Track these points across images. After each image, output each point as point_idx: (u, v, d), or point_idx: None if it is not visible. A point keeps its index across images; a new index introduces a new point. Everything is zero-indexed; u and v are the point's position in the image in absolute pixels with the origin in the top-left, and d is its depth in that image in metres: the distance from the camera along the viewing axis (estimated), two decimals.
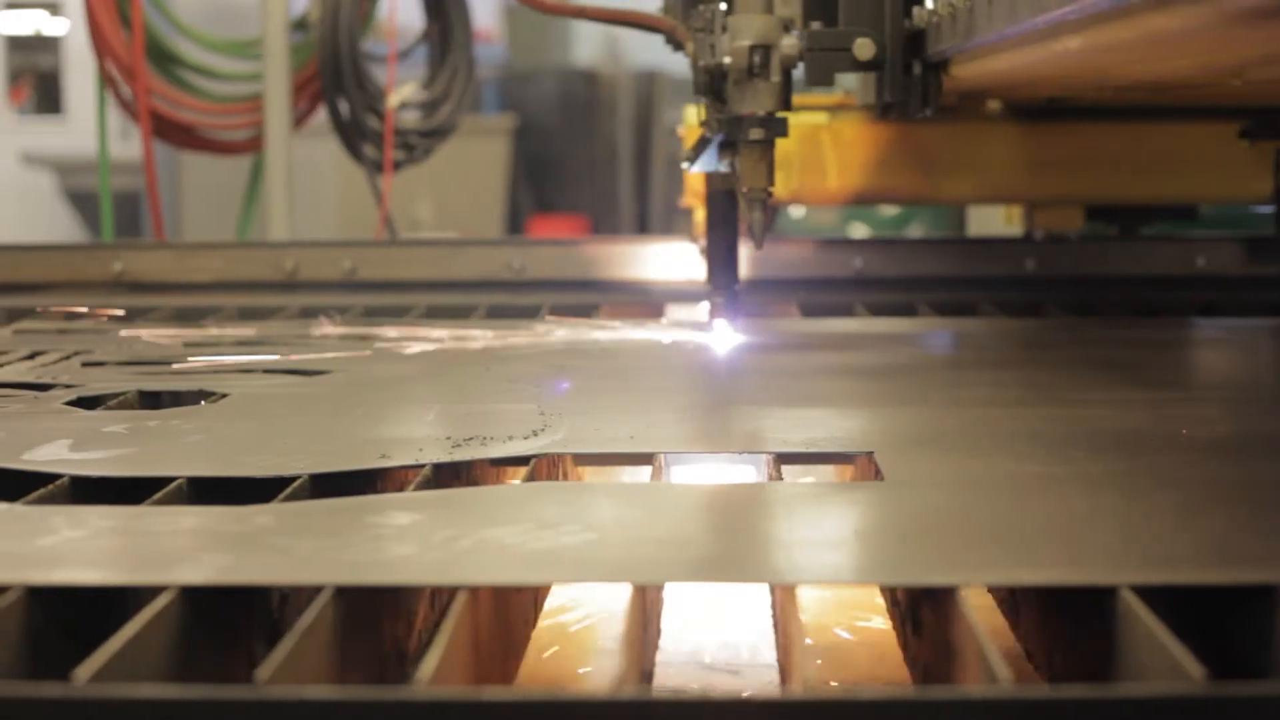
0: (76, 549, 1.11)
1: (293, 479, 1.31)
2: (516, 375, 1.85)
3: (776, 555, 1.11)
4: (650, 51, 7.38)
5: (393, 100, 3.26)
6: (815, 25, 1.95)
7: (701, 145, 2.00)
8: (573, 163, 7.81)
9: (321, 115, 3.31)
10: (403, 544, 1.10)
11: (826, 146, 2.71)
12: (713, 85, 1.91)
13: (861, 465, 1.41)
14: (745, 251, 2.71)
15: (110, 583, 1.03)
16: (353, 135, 3.25)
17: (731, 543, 1.13)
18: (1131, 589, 0.96)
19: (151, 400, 1.74)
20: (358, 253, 2.61)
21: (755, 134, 1.88)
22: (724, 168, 1.99)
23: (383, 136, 3.25)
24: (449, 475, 1.38)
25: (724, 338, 2.07)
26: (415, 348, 2.01)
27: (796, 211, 6.68)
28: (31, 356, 1.97)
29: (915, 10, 1.97)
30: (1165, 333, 2.35)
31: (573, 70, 8.01)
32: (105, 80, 3.24)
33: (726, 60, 1.87)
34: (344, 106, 3.23)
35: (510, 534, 1.12)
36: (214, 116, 3.28)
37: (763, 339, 2.12)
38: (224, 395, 1.71)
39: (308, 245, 2.67)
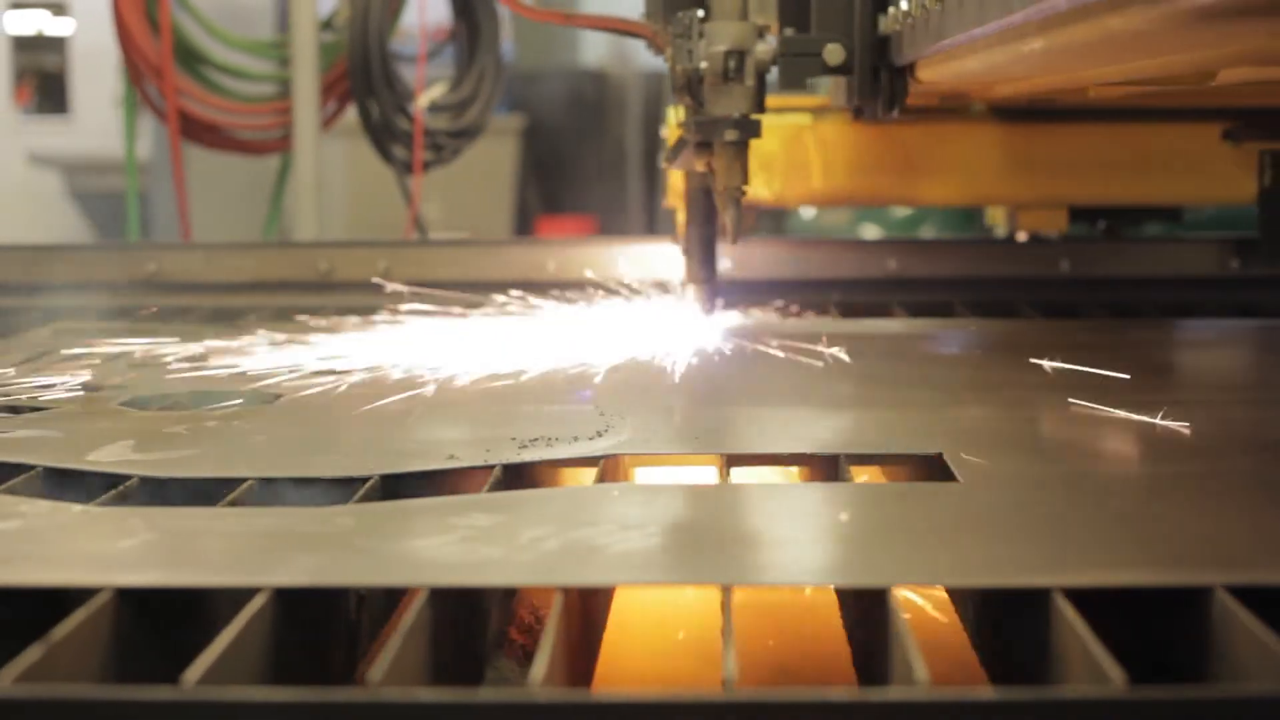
0: (160, 550, 1.10)
1: (363, 480, 1.31)
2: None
3: (878, 558, 1.10)
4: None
5: (422, 101, 3.25)
6: (789, 31, 2.03)
7: (680, 146, 2.07)
8: (581, 163, 7.80)
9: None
10: (491, 545, 1.10)
11: (810, 148, 2.71)
12: (690, 88, 1.99)
13: (924, 466, 1.40)
14: (780, 251, 2.73)
15: (204, 584, 1.02)
16: (382, 136, 3.24)
17: (827, 544, 1.13)
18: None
19: (200, 400, 1.73)
20: (392, 253, 2.60)
21: (730, 135, 1.97)
22: (701, 167, 2.07)
23: (412, 137, 3.24)
24: (514, 476, 1.38)
25: (705, 326, 2.16)
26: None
27: (807, 212, 6.68)
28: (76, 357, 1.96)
29: (882, 17, 2.03)
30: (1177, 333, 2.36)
31: (581, 71, 8.00)
32: (131, 80, 3.23)
33: (703, 65, 1.95)
34: (373, 107, 3.22)
35: (597, 535, 1.12)
36: (241, 116, 3.26)
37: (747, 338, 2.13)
38: (277, 396, 1.70)
39: (341, 245, 2.66)
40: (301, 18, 3.13)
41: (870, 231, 6.43)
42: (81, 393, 1.73)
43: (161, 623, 1.02)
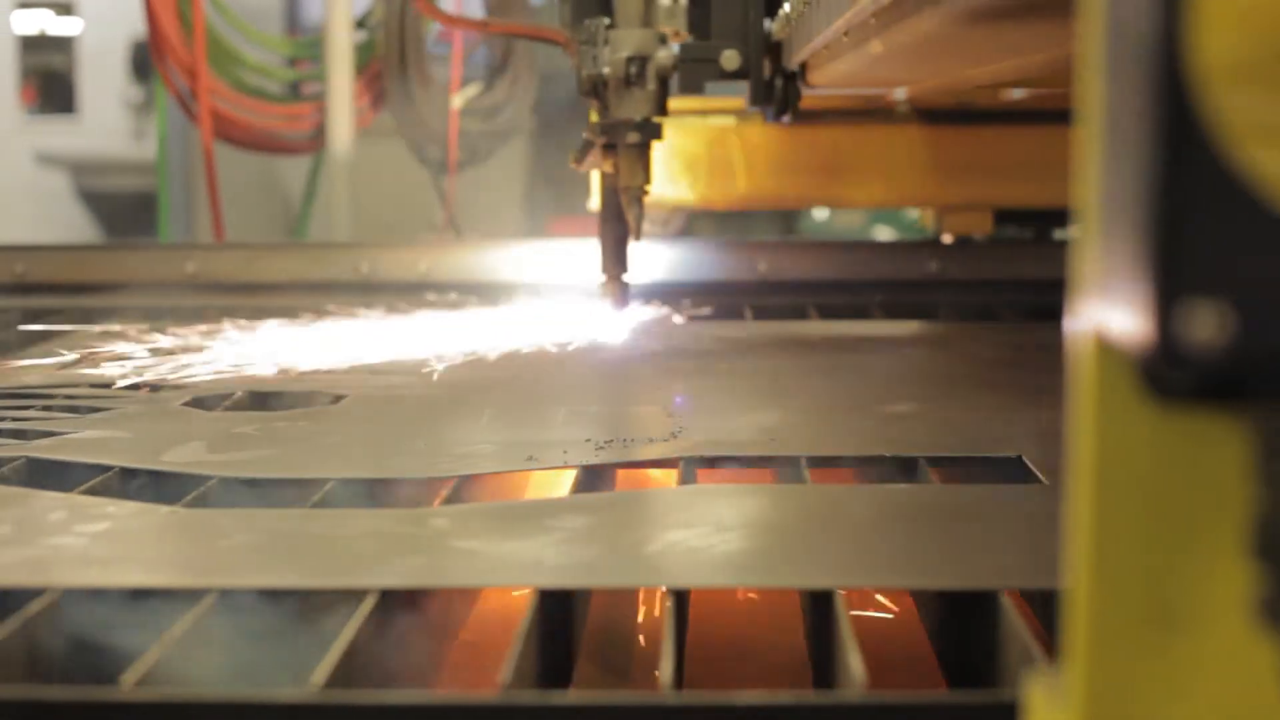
0: (258, 551, 1.09)
1: (444, 480, 1.30)
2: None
3: (980, 559, 1.09)
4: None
5: (456, 101, 3.25)
6: (689, 38, 2.10)
7: (586, 147, 2.14)
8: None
9: None
10: (590, 546, 1.09)
11: (734, 149, 2.73)
12: (595, 92, 2.05)
13: (1003, 468, 1.40)
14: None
15: (310, 586, 1.02)
16: (417, 136, 3.23)
17: (932, 546, 1.12)
18: None
19: (259, 401, 1.73)
20: (431, 254, 2.59)
21: (632, 137, 2.04)
22: (608, 168, 2.13)
23: (446, 138, 3.24)
24: (592, 477, 1.37)
25: (615, 320, 2.22)
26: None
27: (820, 214, 6.67)
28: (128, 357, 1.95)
29: (771, 23, 2.11)
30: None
31: (591, 71, 7.98)
32: (163, 80, 3.23)
33: (606, 70, 2.02)
34: (408, 107, 3.21)
35: (692, 536, 1.11)
36: (274, 116, 3.26)
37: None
38: (341, 397, 1.69)
39: (381, 246, 2.66)
40: (336, 17, 3.12)
41: (884, 233, 6.43)
42: (140, 393, 1.72)
43: (267, 625, 1.02)
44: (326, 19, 3.11)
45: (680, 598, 1.02)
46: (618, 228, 2.20)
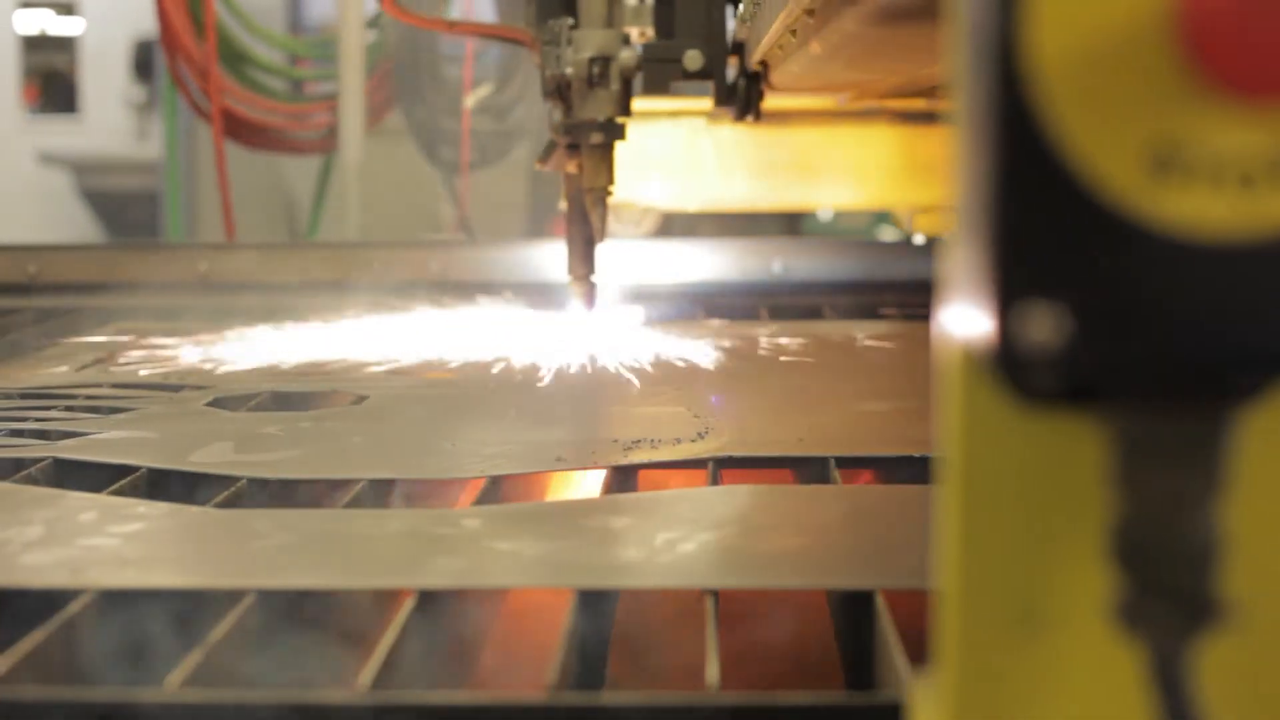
0: (296, 552, 1.08)
1: (473, 481, 1.30)
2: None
3: None
4: None
5: (469, 101, 3.25)
6: (651, 38, 2.07)
7: (551, 148, 2.13)
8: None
9: None
10: (629, 547, 1.09)
11: (707, 150, 2.73)
12: (559, 92, 2.05)
13: None
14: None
15: (352, 586, 1.01)
16: (429, 136, 3.23)
17: None
18: None
19: (283, 401, 1.72)
20: (443, 254, 2.59)
21: (595, 138, 2.03)
22: (573, 169, 2.12)
23: (458, 137, 3.24)
24: (620, 478, 1.37)
25: (583, 322, 2.19)
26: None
27: (825, 214, 6.66)
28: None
29: (734, 23, 2.11)
30: None
31: (553, 71, 7.96)
32: (175, 80, 3.22)
33: (569, 70, 2.00)
34: (420, 107, 3.21)
35: (728, 537, 1.11)
36: (285, 116, 3.25)
37: None
38: (364, 397, 1.69)
39: (393, 246, 2.65)
40: (348, 17, 3.12)
41: (889, 233, 6.41)
42: (162, 392, 1.72)
43: (307, 625, 1.01)
44: (338, 18, 3.10)
45: (718, 598, 1.01)
46: (584, 229, 2.17)
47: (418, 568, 1.03)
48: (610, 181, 2.08)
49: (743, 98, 2.15)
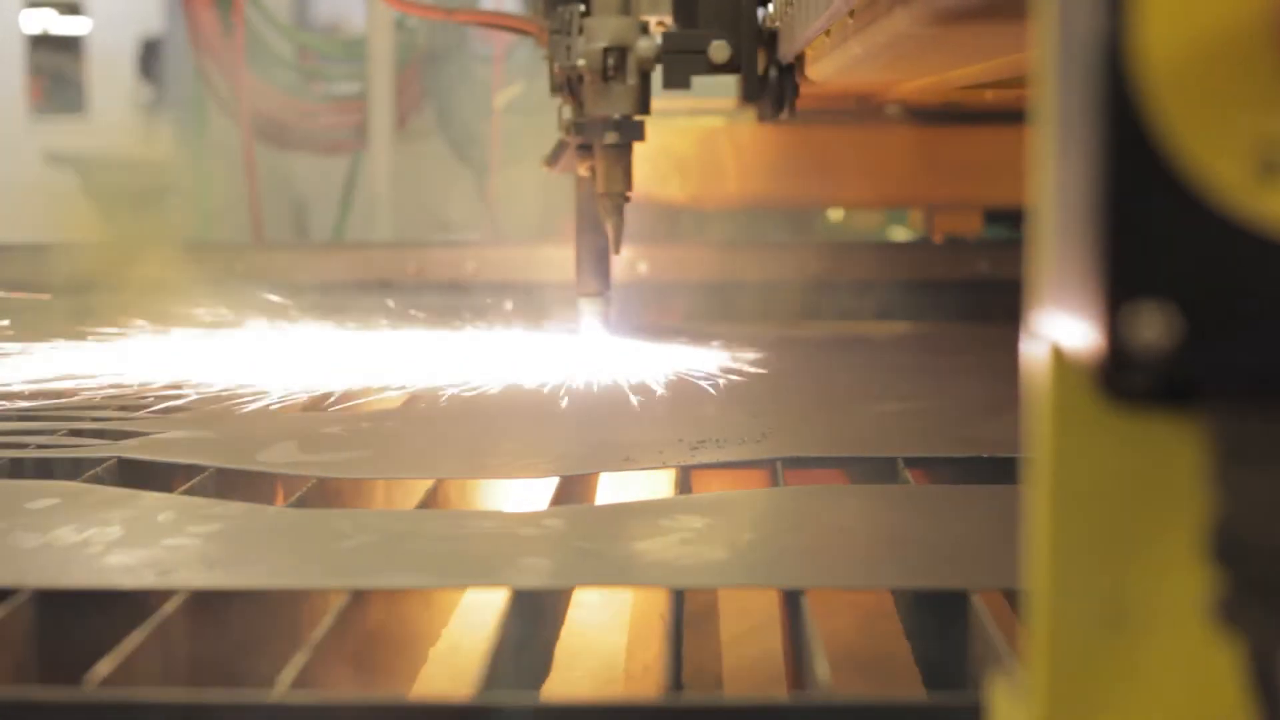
0: (380, 552, 1.08)
1: (545, 481, 1.30)
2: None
3: None
4: None
5: (499, 101, 3.24)
6: (673, 26, 1.88)
7: (560, 148, 1.96)
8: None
9: None
10: (712, 547, 1.08)
11: (724, 149, 2.71)
12: (570, 87, 1.88)
13: None
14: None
15: (448, 585, 1.01)
16: (460, 136, 3.23)
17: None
18: None
19: (339, 400, 1.72)
20: (478, 253, 2.59)
21: (610, 138, 1.85)
22: (584, 172, 1.96)
23: (488, 138, 3.24)
24: (684, 476, 1.37)
25: (597, 342, 2.02)
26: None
27: (835, 214, 6.64)
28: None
29: (763, 10, 1.89)
30: None
31: (564, 63, 7.94)
32: (202, 78, 3.22)
33: (581, 62, 1.83)
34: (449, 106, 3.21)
35: (805, 537, 1.11)
36: (313, 116, 3.25)
37: None
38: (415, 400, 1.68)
39: (427, 246, 2.65)
40: (377, 17, 3.12)
41: (900, 234, 6.40)
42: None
43: (402, 624, 1.01)
44: (367, 18, 3.10)
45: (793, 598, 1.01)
46: (596, 239, 2.00)
47: (506, 567, 1.03)
48: (627, 186, 1.90)
49: (775, 93, 1.91)
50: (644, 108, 1.85)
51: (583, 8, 1.84)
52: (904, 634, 1.07)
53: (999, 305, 2.58)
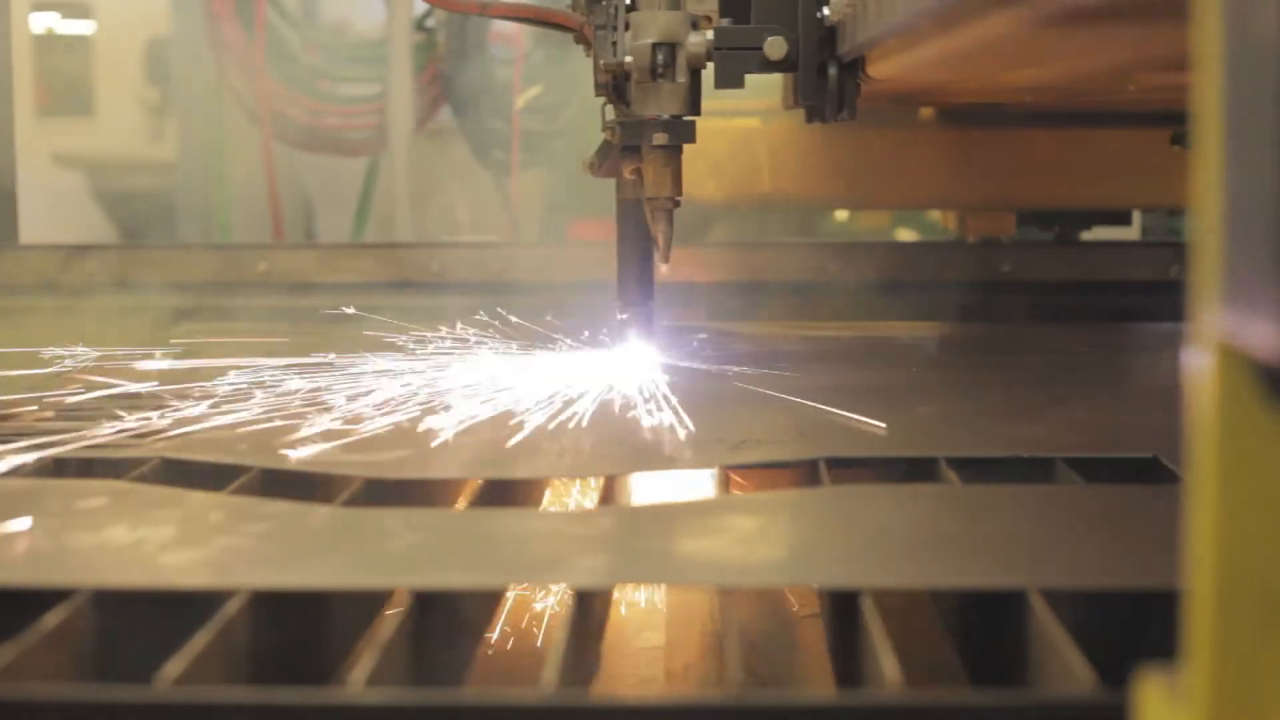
0: (434, 551, 1.08)
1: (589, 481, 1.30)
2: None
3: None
4: None
5: (519, 102, 3.25)
6: (725, 22, 1.79)
7: (605, 150, 1.86)
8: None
9: None
10: (769, 546, 1.09)
11: (759, 150, 2.71)
12: (615, 86, 1.78)
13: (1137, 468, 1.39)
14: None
15: (501, 585, 1.01)
16: (478, 137, 3.23)
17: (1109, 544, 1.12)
18: None
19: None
20: (504, 254, 2.59)
21: (659, 139, 1.76)
22: (630, 174, 1.87)
23: (508, 139, 3.24)
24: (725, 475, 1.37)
25: (638, 357, 1.93)
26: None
27: (840, 215, 6.65)
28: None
29: (825, 6, 1.79)
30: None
31: (609, 61, 7.94)
32: (223, 80, 3.22)
33: (628, 59, 1.74)
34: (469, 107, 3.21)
35: (862, 537, 1.11)
36: (333, 117, 3.25)
37: None
38: (448, 406, 1.68)
39: (451, 246, 2.65)
40: (396, 18, 3.12)
41: (905, 235, 6.41)
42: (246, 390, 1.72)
43: (462, 624, 1.01)
44: (387, 19, 3.10)
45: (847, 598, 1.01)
46: (639, 247, 1.91)
47: (565, 566, 1.03)
48: (677, 191, 1.80)
49: (835, 93, 1.79)
50: (694, 107, 1.77)
51: (628, 1, 1.77)
52: (947, 634, 1.07)
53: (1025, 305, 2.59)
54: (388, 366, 1.81)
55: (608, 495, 1.28)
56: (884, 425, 1.49)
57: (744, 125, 2.69)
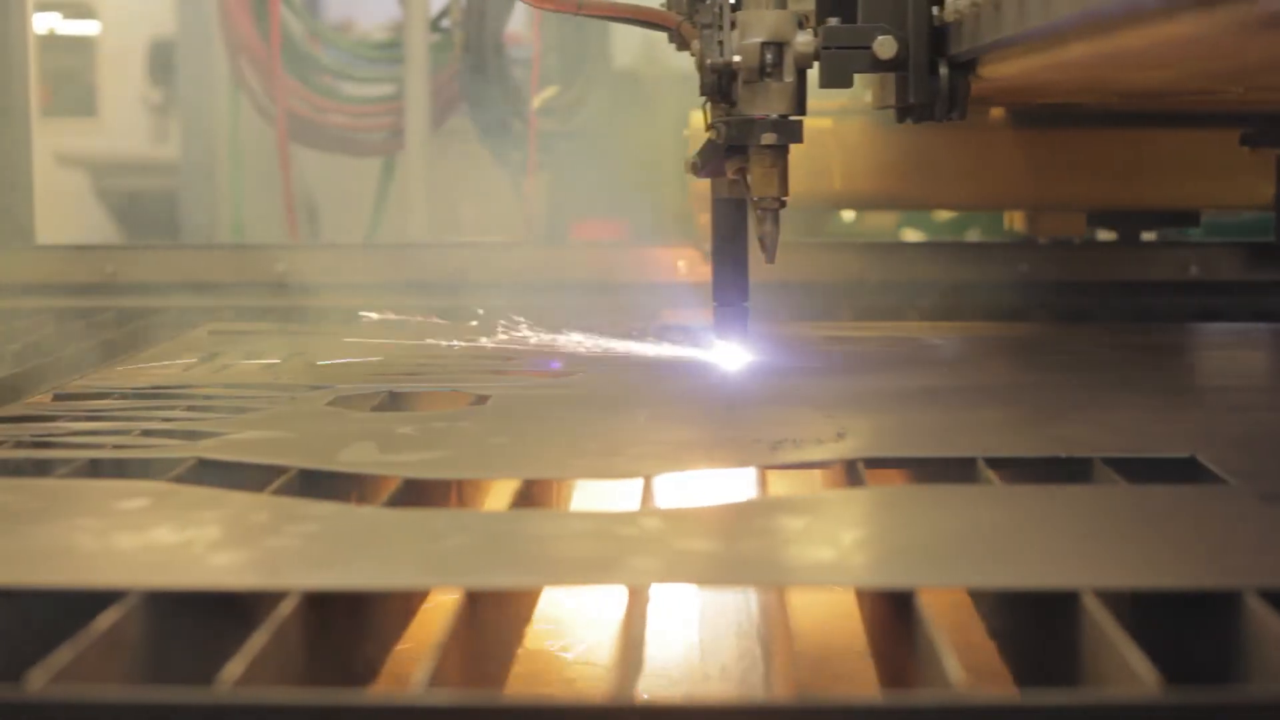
0: (482, 552, 1.08)
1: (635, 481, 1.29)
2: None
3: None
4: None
5: (536, 102, 3.24)
6: (832, 21, 1.79)
7: (710, 151, 1.87)
8: (612, 166, 7.76)
9: None
10: (816, 547, 1.08)
11: (831, 150, 2.71)
12: (721, 86, 1.79)
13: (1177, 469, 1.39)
14: None
15: (558, 585, 1.01)
16: (496, 137, 3.23)
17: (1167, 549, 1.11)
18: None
19: (403, 401, 1.72)
20: (524, 254, 2.59)
21: (767, 138, 1.78)
22: (733, 174, 1.89)
23: (525, 138, 3.24)
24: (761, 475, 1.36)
25: (731, 357, 1.95)
26: None
27: (848, 215, 6.66)
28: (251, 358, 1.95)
29: (937, 6, 1.81)
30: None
31: (612, 73, 7.96)
32: (237, 79, 3.22)
33: (736, 59, 1.76)
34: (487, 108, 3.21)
35: (908, 537, 1.11)
36: (349, 117, 3.25)
37: None
38: (485, 397, 1.68)
39: (470, 246, 2.65)
40: (413, 17, 3.11)
41: (912, 235, 6.41)
42: (277, 392, 1.72)
43: (515, 624, 1.01)
44: (404, 19, 3.10)
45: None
46: (735, 246, 1.93)
47: (614, 568, 1.03)
48: (784, 191, 1.82)
49: (946, 93, 1.79)
50: (801, 107, 1.79)
51: (733, 0, 1.78)
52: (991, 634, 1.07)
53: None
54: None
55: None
56: None
57: (816, 125, 2.67)
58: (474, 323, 2.13)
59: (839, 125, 2.68)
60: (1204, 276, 2.76)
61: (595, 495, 1.41)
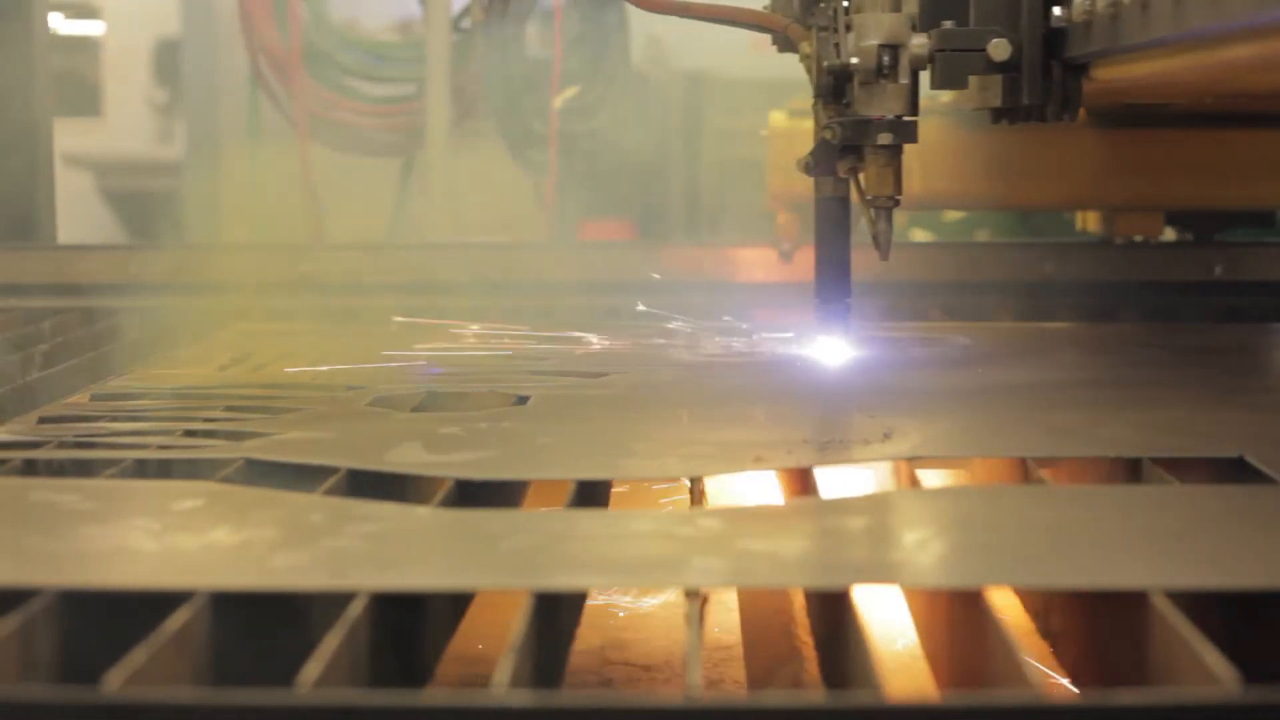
0: (546, 552, 1.08)
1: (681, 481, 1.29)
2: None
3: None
4: (696, 54, 7.32)
5: (557, 102, 3.24)
6: (947, 24, 1.82)
7: (823, 150, 1.90)
8: (619, 166, 7.75)
9: None
10: (877, 547, 1.08)
11: (911, 150, 2.70)
12: (836, 87, 1.84)
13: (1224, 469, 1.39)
14: None
15: (621, 584, 1.01)
16: (517, 137, 3.23)
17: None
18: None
19: (443, 401, 1.71)
20: (551, 254, 2.59)
21: (884, 139, 1.83)
22: (845, 174, 1.92)
23: (546, 139, 3.24)
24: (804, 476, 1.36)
25: (834, 352, 1.99)
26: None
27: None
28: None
29: (1055, 9, 1.81)
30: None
31: (833, 62, 7.90)
32: (257, 79, 3.21)
33: (853, 61, 1.79)
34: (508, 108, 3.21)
35: (970, 537, 1.11)
36: (368, 117, 3.25)
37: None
38: (525, 397, 1.68)
39: (494, 247, 2.65)
40: (434, 17, 3.11)
41: (920, 235, 6.41)
42: (315, 392, 1.71)
43: (573, 624, 1.01)
44: (425, 18, 3.10)
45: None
46: (839, 244, 1.96)
47: (682, 568, 1.03)
48: (898, 189, 1.87)
49: (1059, 93, 1.81)
50: (915, 108, 1.84)
51: (846, 4, 1.83)
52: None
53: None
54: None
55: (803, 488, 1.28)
56: None
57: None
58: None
59: (920, 126, 2.68)
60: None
61: (641, 496, 1.41)
